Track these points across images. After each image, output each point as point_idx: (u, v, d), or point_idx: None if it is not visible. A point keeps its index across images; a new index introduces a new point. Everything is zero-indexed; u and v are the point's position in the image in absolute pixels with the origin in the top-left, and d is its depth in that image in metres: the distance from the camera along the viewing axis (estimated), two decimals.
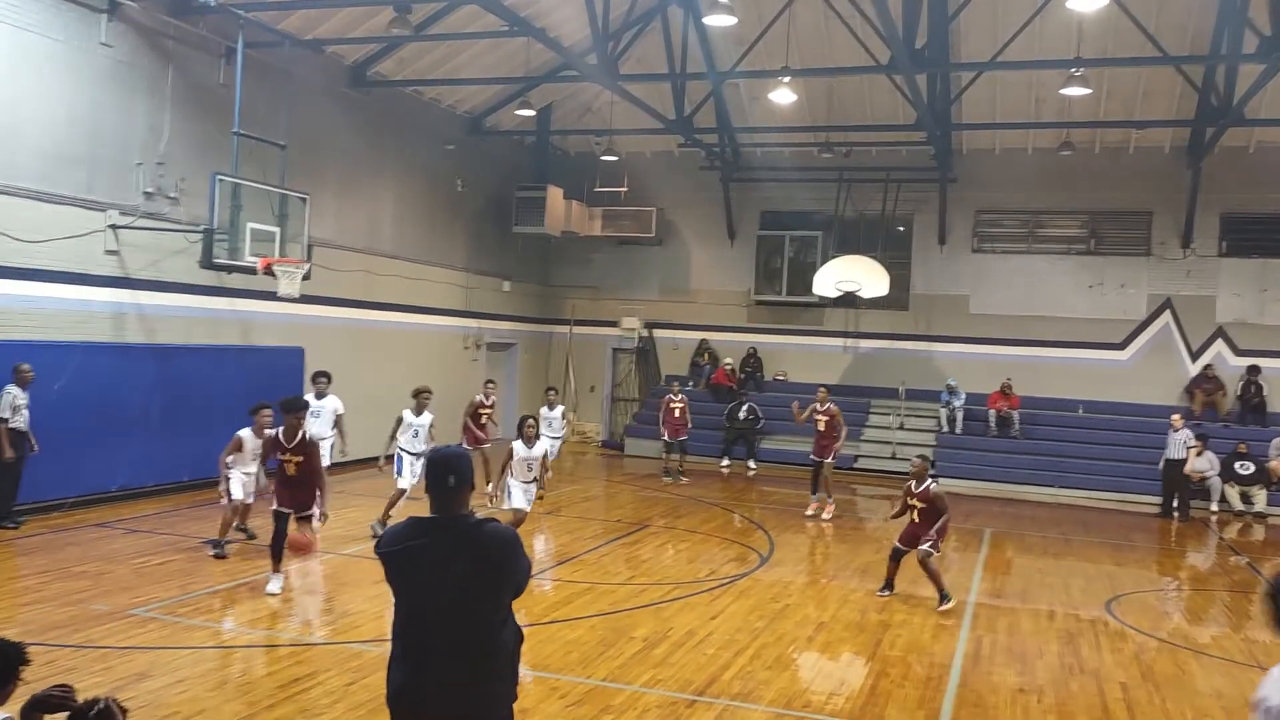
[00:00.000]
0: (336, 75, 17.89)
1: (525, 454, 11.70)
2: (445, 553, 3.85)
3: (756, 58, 18.93)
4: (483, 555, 3.88)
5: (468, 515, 3.97)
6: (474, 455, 15.69)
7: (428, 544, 3.89)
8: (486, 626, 3.89)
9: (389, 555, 3.95)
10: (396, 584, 3.95)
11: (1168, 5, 17.37)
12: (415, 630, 3.90)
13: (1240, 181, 20.96)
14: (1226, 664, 8.96)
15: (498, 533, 3.97)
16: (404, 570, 3.91)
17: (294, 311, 15.98)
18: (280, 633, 8.45)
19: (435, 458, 4.05)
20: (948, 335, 22.98)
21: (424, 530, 3.94)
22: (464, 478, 3.95)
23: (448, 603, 3.82)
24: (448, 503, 3.94)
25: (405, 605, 3.94)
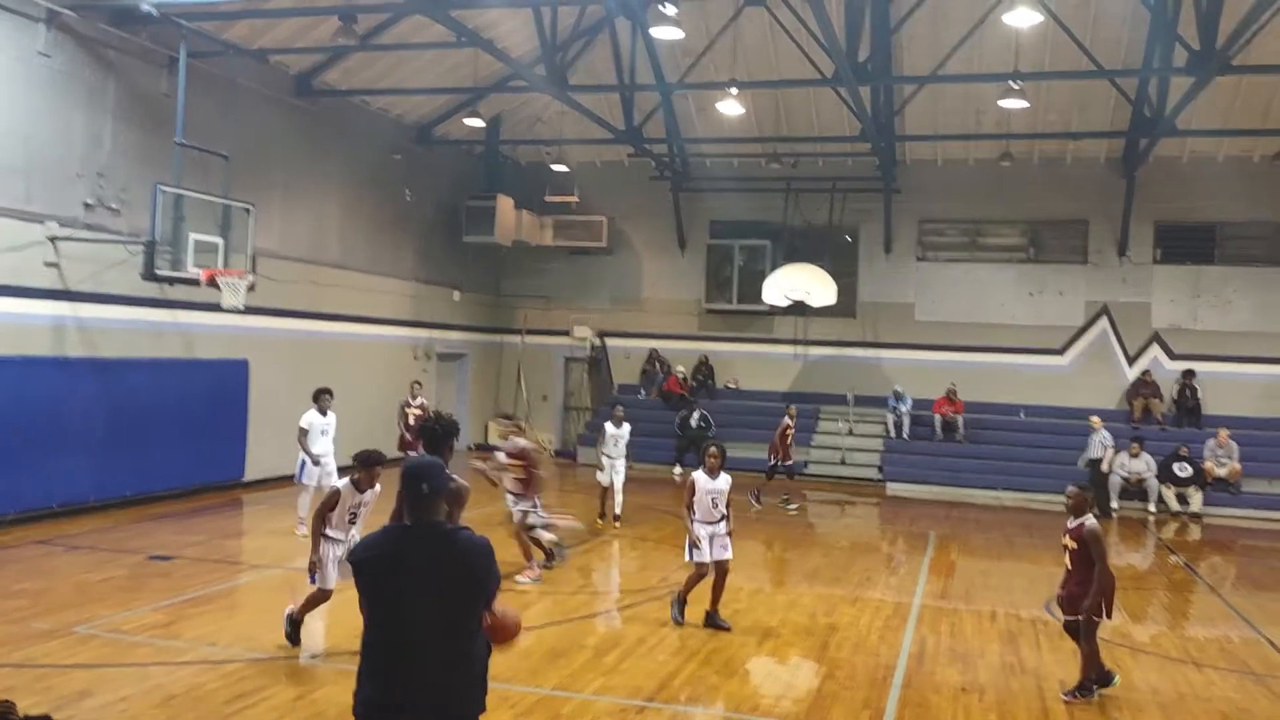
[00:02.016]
0: (282, 85, 17.77)
1: (709, 487, 9.62)
2: (421, 561, 3.83)
3: (704, 70, 19.12)
4: (459, 563, 3.88)
5: (442, 523, 3.97)
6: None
7: (403, 552, 3.88)
8: (463, 635, 3.88)
9: (364, 563, 3.92)
10: (370, 593, 3.91)
11: (1101, 20, 17.83)
12: (389, 640, 3.85)
13: (1173, 191, 21.55)
14: (1163, 661, 9.21)
15: (473, 541, 3.96)
16: (379, 578, 3.88)
17: (239, 323, 15.83)
18: (225, 648, 8.37)
19: (408, 466, 4.06)
20: (894, 342, 23.33)
21: (399, 538, 3.94)
22: (437, 485, 3.96)
23: (424, 611, 3.79)
24: (422, 510, 3.93)
25: (379, 615, 3.89)
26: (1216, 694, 8.24)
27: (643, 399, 24.17)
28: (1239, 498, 19.35)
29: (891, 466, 21.38)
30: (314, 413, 13.06)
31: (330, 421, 13.12)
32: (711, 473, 9.64)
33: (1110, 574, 7.93)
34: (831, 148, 22.38)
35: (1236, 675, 8.79)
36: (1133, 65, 17.97)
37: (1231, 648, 9.77)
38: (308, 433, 13.00)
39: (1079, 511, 8.09)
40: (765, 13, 18.42)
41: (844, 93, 17.38)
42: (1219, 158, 21.37)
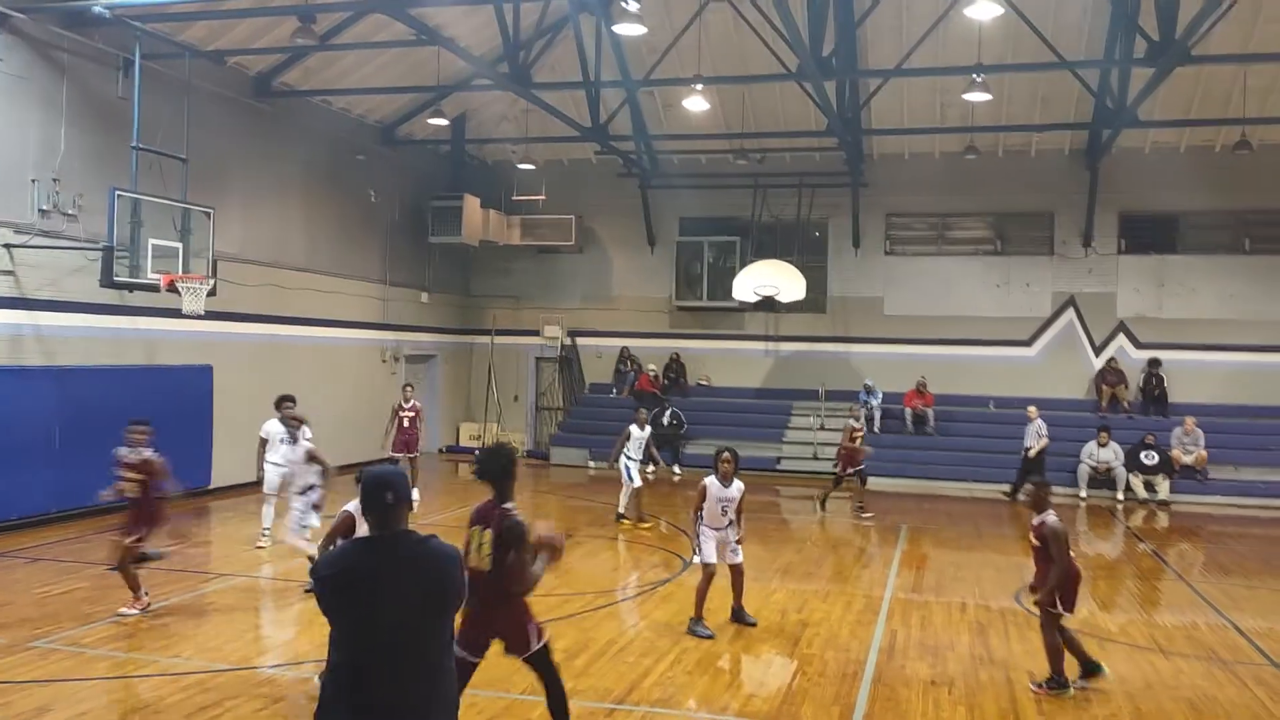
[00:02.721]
0: (240, 86, 17.55)
1: (721, 494, 9.35)
2: (391, 572, 3.72)
3: (669, 66, 19.06)
4: (429, 572, 3.77)
5: (409, 532, 3.86)
6: (401, 461, 15.99)
7: (371, 565, 3.75)
8: (436, 647, 3.78)
9: (329, 580, 3.76)
10: (338, 609, 3.74)
11: (1063, 13, 17.93)
12: (362, 654, 3.70)
13: (1136, 182, 21.75)
14: (1131, 649, 9.25)
15: (442, 549, 3.86)
16: (347, 594, 3.72)
17: (201, 328, 15.62)
18: (187, 660, 8.23)
19: (370, 476, 3.92)
20: (864, 336, 23.39)
21: (366, 551, 3.83)
22: (401, 494, 3.85)
23: (397, 624, 3.67)
24: (387, 520, 3.82)
25: (348, 631, 3.72)
26: (1184, 681, 8.28)
27: (615, 398, 24.11)
28: (1206, 485, 19.54)
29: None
30: (275, 421, 12.77)
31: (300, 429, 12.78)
32: (725, 479, 9.34)
33: (1073, 569, 7.90)
34: (798, 143, 22.39)
35: (1204, 662, 8.84)
36: (1094, 57, 18.08)
37: (1199, 635, 9.83)
38: (266, 442, 12.69)
39: (1039, 508, 8.05)
40: (729, 8, 18.38)
41: (809, 87, 17.39)
42: (1180, 148, 21.58)
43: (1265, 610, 11.00)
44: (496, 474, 5.88)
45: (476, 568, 5.63)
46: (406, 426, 16.35)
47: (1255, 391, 21.12)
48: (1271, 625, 10.22)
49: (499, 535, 5.69)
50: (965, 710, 7.44)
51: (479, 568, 5.65)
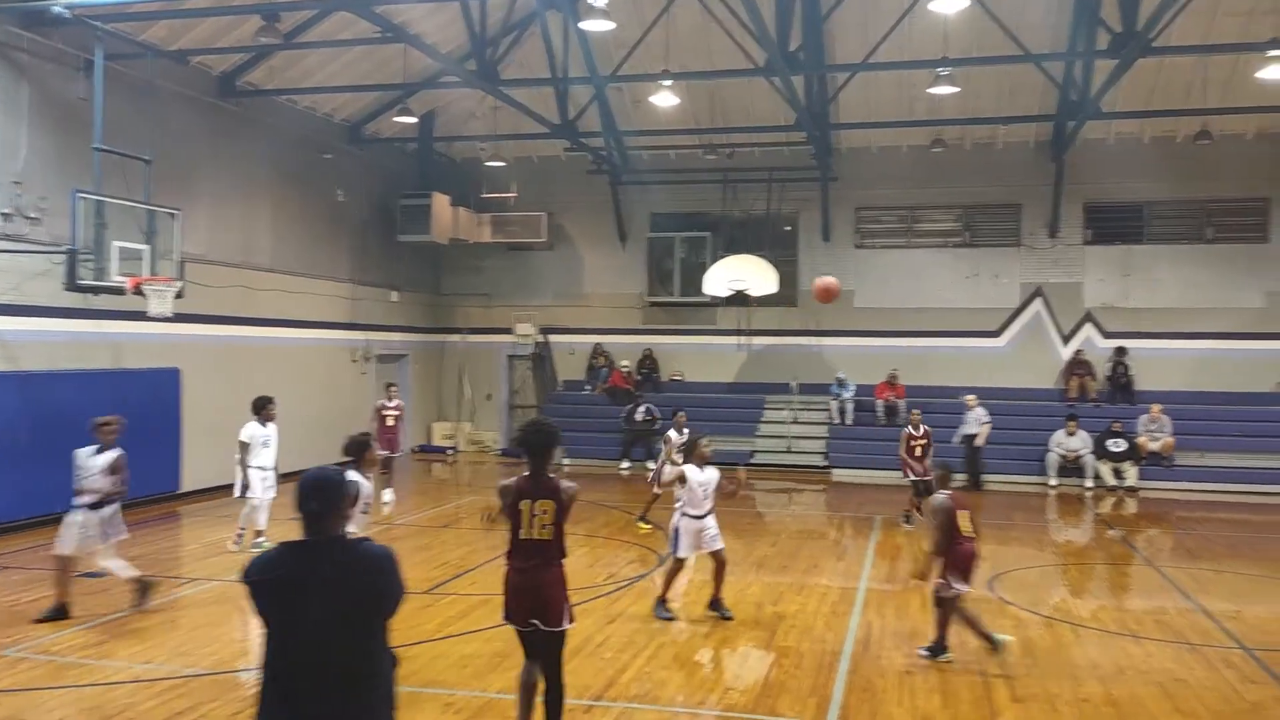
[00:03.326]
0: (204, 86, 17.36)
1: (700, 478, 9.58)
2: (320, 577, 3.69)
3: (638, 61, 19.04)
4: (360, 578, 3.74)
5: (341, 536, 3.84)
6: (391, 460, 15.99)
7: (301, 569, 3.72)
8: (367, 653, 3.75)
9: (258, 584, 3.74)
10: (268, 614, 3.74)
11: (1027, 6, 18.06)
12: (290, 663, 3.69)
13: (1101, 172, 22.00)
14: (1102, 635, 9.37)
15: (374, 552, 3.83)
16: (276, 599, 3.72)
17: (168, 331, 15.43)
18: (160, 665, 8.15)
19: (303, 479, 3.90)
20: (835, 330, 23.50)
21: (295, 555, 3.78)
22: (329, 498, 3.82)
23: (325, 630, 3.65)
24: (316, 525, 3.79)
25: (278, 636, 3.72)
26: (1155, 665, 8.39)
27: (588, 394, 24.11)
28: (1172, 471, 19.81)
29: (836, 453, 21.56)
30: (255, 424, 12.58)
31: (271, 432, 12.69)
32: (702, 465, 9.68)
33: (964, 548, 8.21)
34: (767, 137, 22.43)
35: (1173, 646, 8.97)
36: (1058, 49, 18.25)
37: (1168, 619, 9.97)
38: (249, 446, 12.43)
39: (940, 485, 8.66)
40: (697, 3, 18.37)
41: (777, 82, 17.43)
42: (1143, 139, 21.84)
43: (1232, 594, 11.17)
44: (540, 446, 6.05)
45: (538, 538, 5.93)
46: (390, 425, 16.35)
47: (1219, 378, 21.44)
48: (1239, 608, 10.37)
49: (560, 505, 5.95)
50: (940, 698, 7.50)
51: (540, 538, 5.94)
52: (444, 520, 15.31)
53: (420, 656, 8.26)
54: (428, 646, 8.52)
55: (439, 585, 10.92)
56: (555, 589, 6.10)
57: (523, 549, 6.02)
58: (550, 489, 6.03)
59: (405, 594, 3.93)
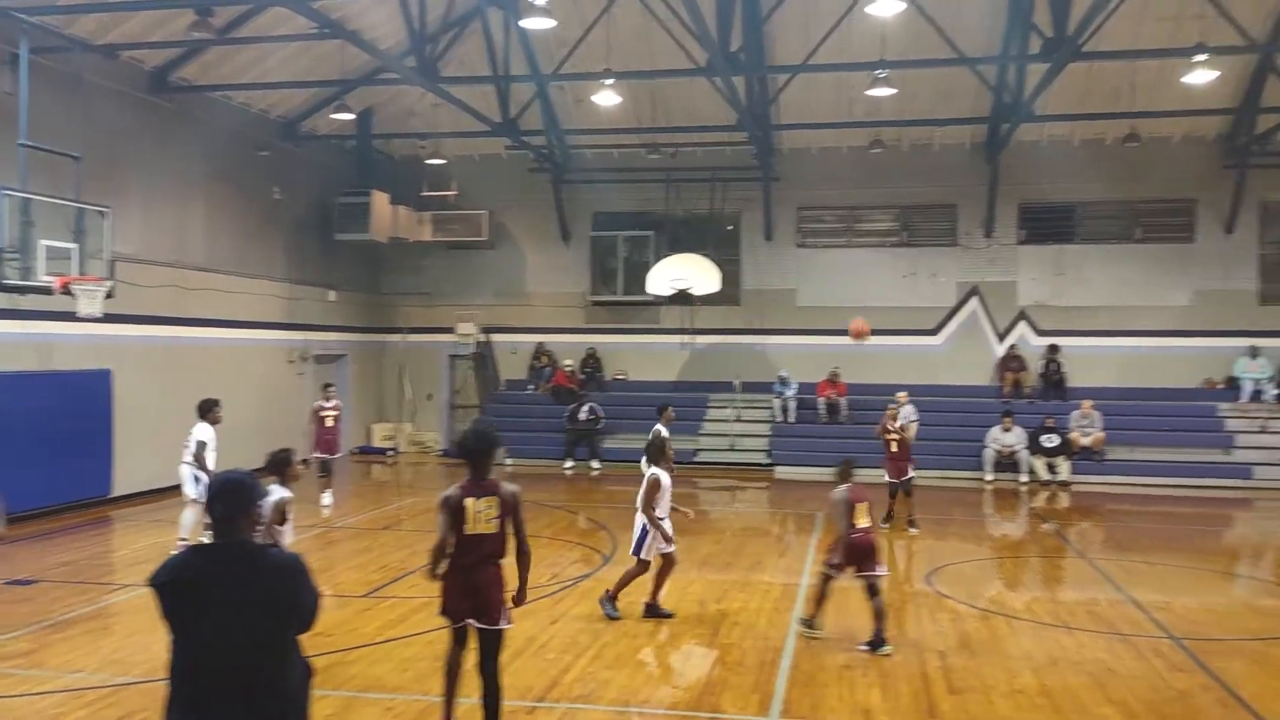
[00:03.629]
0: (135, 81, 16.97)
1: (669, 483, 9.63)
2: (225, 582, 3.65)
3: (579, 60, 19.01)
4: (263, 585, 3.70)
5: (247, 542, 3.79)
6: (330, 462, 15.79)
7: (206, 573, 3.68)
8: (269, 663, 3.71)
9: (163, 587, 3.70)
10: (172, 619, 3.70)
11: (962, 10, 18.38)
12: (193, 668, 3.67)
13: (1034, 173, 22.47)
14: (1036, 627, 9.56)
15: (280, 559, 3.80)
16: (181, 603, 3.68)
17: (99, 332, 15.07)
18: (92, 674, 7.95)
19: (212, 482, 3.88)
20: (778, 328, 23.70)
21: (202, 559, 3.74)
22: (235, 504, 3.77)
23: (230, 637, 3.61)
24: (224, 528, 3.76)
25: (182, 641, 3.69)
26: (1087, 655, 8.59)
27: (531, 394, 24.02)
28: (1103, 465, 20.30)
29: (779, 450, 21.73)
30: (207, 426, 12.12)
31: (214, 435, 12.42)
32: (671, 470, 9.74)
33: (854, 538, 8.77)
34: (709, 137, 22.52)
35: (1105, 637, 9.19)
36: (991, 53, 18.59)
37: (1099, 610, 10.21)
38: (207, 446, 11.99)
39: (841, 479, 9.13)
40: (638, 3, 18.40)
41: (719, 82, 17.52)
42: (1074, 141, 22.34)
43: (1161, 584, 11.48)
44: (480, 452, 6.33)
45: (482, 532, 6.19)
46: (330, 426, 16.15)
47: (1148, 375, 22.02)
48: (1168, 599, 10.66)
49: (504, 501, 6.23)
50: (880, 691, 7.60)
51: (485, 531, 6.20)
52: (384, 522, 15.15)
53: (360, 660, 8.17)
54: (368, 650, 8.42)
55: (379, 588, 10.80)
56: (494, 589, 6.29)
57: (466, 543, 6.20)
58: (492, 489, 6.25)
59: (319, 601, 3.90)
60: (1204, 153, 22.07)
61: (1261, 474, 19.77)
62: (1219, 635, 9.28)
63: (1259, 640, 9.17)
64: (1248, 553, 14.54)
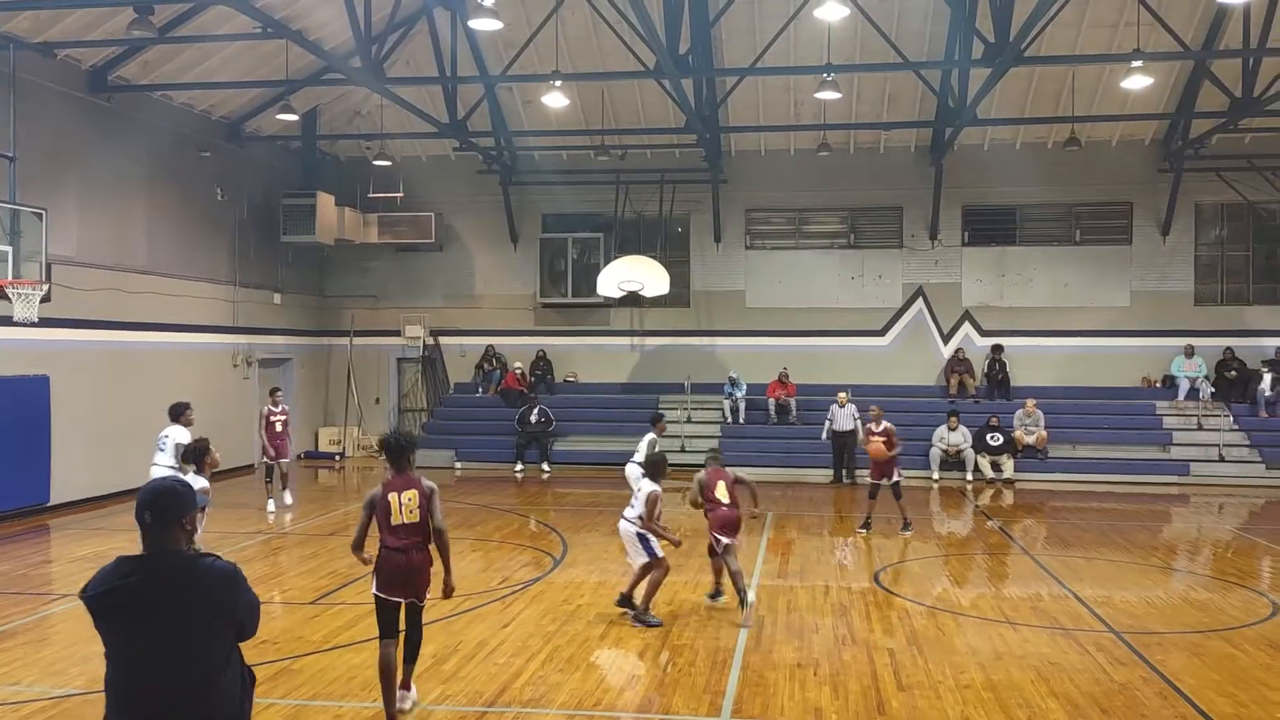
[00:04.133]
0: (73, 80, 16.61)
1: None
2: (155, 592, 3.57)
3: (528, 62, 18.97)
4: (196, 591, 3.63)
5: (179, 551, 3.70)
6: (274, 468, 15.58)
7: (135, 583, 3.59)
8: (206, 673, 3.63)
9: (93, 599, 3.60)
10: (105, 631, 3.63)
11: (906, 15, 18.66)
12: (128, 680, 3.60)
13: (977, 176, 22.84)
14: (981, 623, 9.71)
15: (213, 568, 3.70)
16: (111, 614, 3.61)
17: (35, 336, 14.72)
18: (29, 686, 7.76)
19: (142, 490, 3.78)
20: (727, 329, 23.84)
21: (131, 569, 3.63)
22: (164, 512, 3.68)
23: (160, 647, 3.55)
24: (151, 539, 3.68)
25: (116, 653, 3.62)
26: (1031, 650, 8.74)
27: (480, 397, 23.89)
28: (1046, 463, 20.69)
29: (729, 451, 21.66)
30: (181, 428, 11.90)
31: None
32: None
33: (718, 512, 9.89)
34: (658, 139, 22.62)
35: (1048, 631, 9.36)
36: (936, 58, 18.87)
37: (1043, 605, 10.40)
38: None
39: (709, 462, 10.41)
40: (586, 5, 18.41)
41: (667, 85, 17.58)
42: (1016, 145, 22.76)
43: (1102, 580, 11.71)
44: (400, 452, 7.07)
45: (407, 521, 6.91)
46: (279, 431, 16.05)
47: (1088, 374, 22.50)
48: (1109, 594, 10.88)
49: (422, 493, 6.97)
50: (830, 689, 7.67)
51: (409, 520, 6.92)
52: (331, 528, 14.95)
53: (307, 669, 8.06)
54: (315, 658, 8.32)
55: (325, 595, 10.67)
56: (425, 570, 6.99)
57: (396, 531, 6.89)
58: (414, 483, 6.98)
59: (257, 610, 3.85)
60: (1141, 157, 22.61)
61: (1198, 470, 20.29)
62: (1158, 629, 9.50)
63: (1196, 633, 9.40)
64: (1185, 548, 14.89)
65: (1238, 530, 16.21)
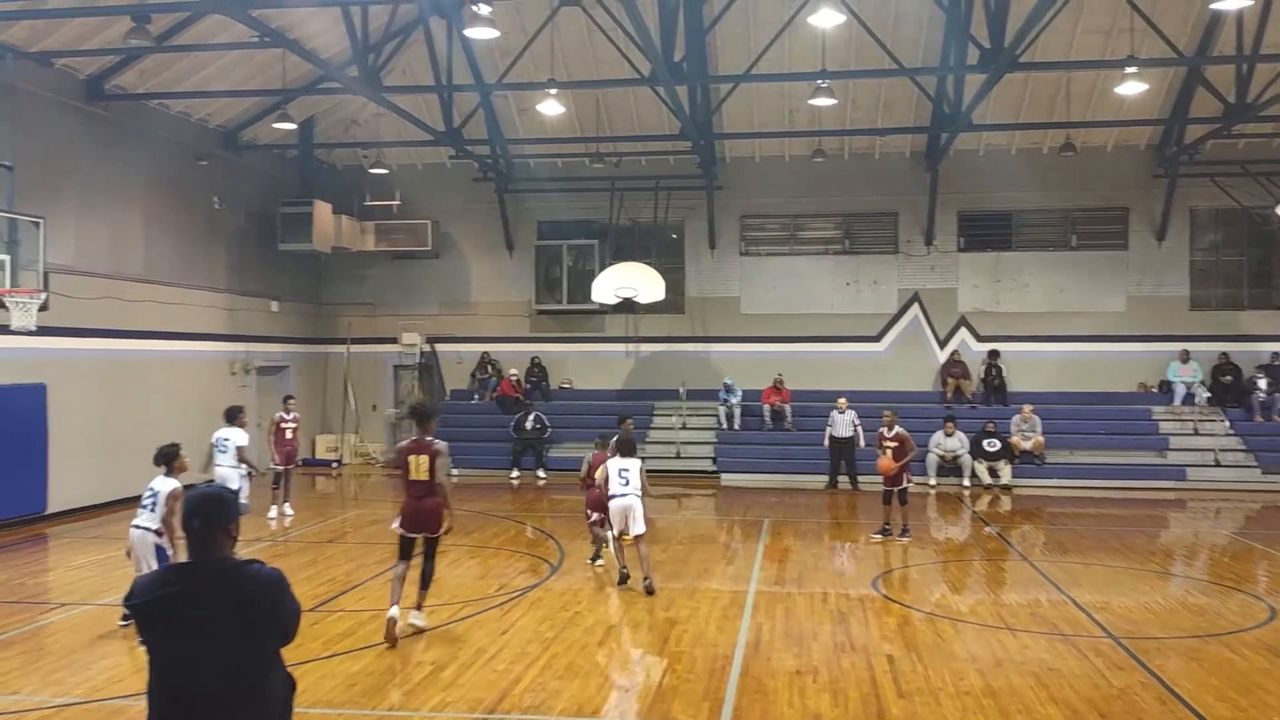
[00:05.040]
0: (70, 89, 16.62)
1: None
2: (202, 600, 3.59)
3: (523, 70, 19.01)
4: (245, 599, 3.64)
5: (225, 558, 3.73)
6: (282, 475, 15.67)
7: (182, 591, 3.61)
8: (251, 677, 3.65)
9: (139, 608, 3.63)
10: (150, 639, 3.64)
11: (900, 21, 18.71)
12: (173, 687, 3.60)
13: (973, 182, 22.90)
14: (980, 629, 9.72)
15: (261, 574, 3.73)
16: (158, 623, 3.62)
17: (33, 345, 14.71)
18: (28, 696, 7.75)
19: (187, 499, 3.80)
20: (722, 336, 23.86)
21: (179, 576, 3.68)
22: (211, 519, 3.71)
23: (207, 654, 3.55)
24: (199, 546, 3.70)
25: (161, 661, 3.63)
26: (1030, 656, 8.76)
27: (476, 404, 23.89)
28: (1043, 468, 20.71)
29: (725, 458, 21.84)
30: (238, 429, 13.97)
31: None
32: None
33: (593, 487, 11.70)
34: (653, 146, 22.67)
35: (1047, 637, 9.37)
36: (931, 64, 18.93)
37: (1042, 611, 10.41)
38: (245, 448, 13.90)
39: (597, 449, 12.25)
40: (581, 13, 18.46)
41: (662, 92, 17.62)
42: (1012, 150, 22.83)
43: (1100, 585, 11.73)
44: (422, 418, 9.33)
45: (419, 478, 9.13)
46: (290, 438, 16.25)
47: (1084, 379, 22.55)
48: (1107, 599, 10.90)
49: (431, 457, 9.08)
50: (829, 696, 7.68)
51: (421, 478, 9.13)
52: (329, 535, 14.95)
53: (307, 676, 8.05)
54: (315, 666, 8.31)
55: (325, 602, 10.66)
56: (436, 511, 9.16)
57: (413, 486, 9.14)
58: (426, 448, 9.11)
59: (299, 615, 3.85)
60: (1136, 162, 22.68)
61: (1194, 475, 20.32)
62: (1156, 634, 9.52)
63: (1194, 638, 9.42)
64: (1182, 553, 14.92)
65: (1234, 535, 16.25)
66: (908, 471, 14.40)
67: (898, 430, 14.35)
